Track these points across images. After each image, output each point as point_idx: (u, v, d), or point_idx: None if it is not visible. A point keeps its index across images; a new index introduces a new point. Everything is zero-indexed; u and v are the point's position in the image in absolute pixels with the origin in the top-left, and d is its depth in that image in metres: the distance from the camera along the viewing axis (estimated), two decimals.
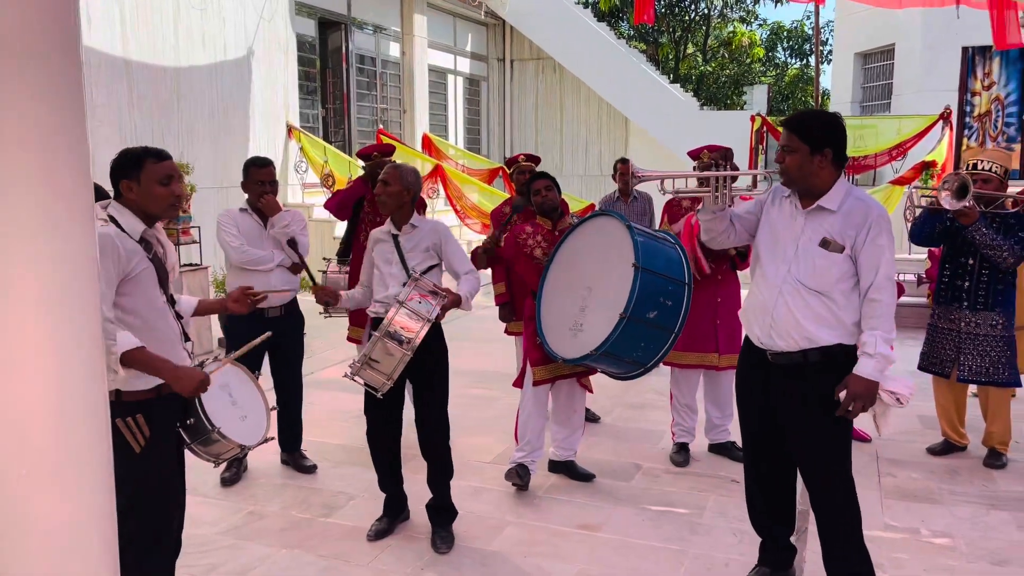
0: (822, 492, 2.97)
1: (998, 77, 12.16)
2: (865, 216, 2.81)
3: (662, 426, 5.20)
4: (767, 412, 3.05)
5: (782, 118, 14.58)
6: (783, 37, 23.22)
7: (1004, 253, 4.26)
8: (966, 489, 4.28)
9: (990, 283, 4.43)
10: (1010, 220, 4.38)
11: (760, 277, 2.99)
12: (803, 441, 2.98)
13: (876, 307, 2.79)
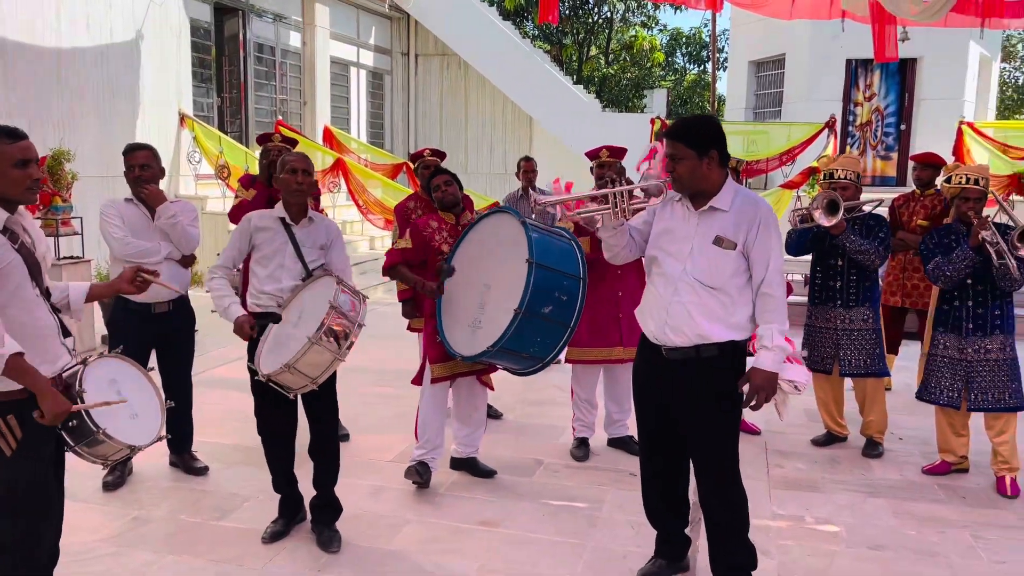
0: (714, 486, 3.06)
1: (879, 89, 12.91)
2: (755, 214, 2.93)
3: (563, 421, 5.25)
4: (662, 407, 3.12)
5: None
6: (682, 43, 23.94)
7: (872, 256, 4.58)
8: (846, 478, 4.50)
9: (859, 281, 4.71)
10: (869, 222, 4.70)
11: (657, 276, 3.05)
12: (696, 435, 3.06)
13: (769, 301, 2.92)
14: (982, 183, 4.30)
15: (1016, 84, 22.47)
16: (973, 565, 3.51)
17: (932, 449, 4.83)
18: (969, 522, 3.93)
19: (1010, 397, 4.32)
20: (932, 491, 4.33)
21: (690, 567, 3.37)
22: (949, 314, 4.44)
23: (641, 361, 3.18)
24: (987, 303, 4.32)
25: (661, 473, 3.24)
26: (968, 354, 4.35)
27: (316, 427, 3.63)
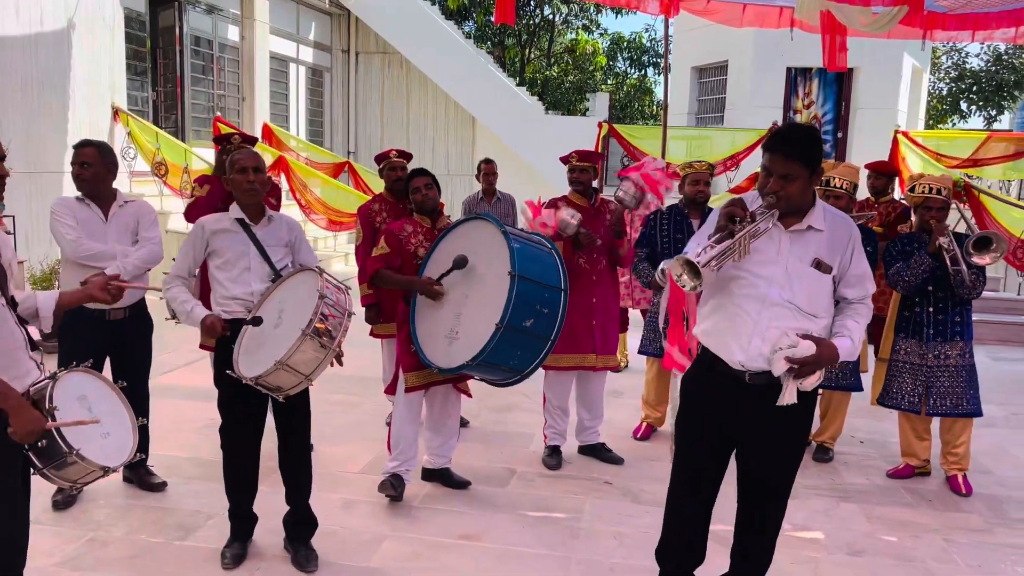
0: (775, 512, 2.95)
1: (817, 97, 13.26)
2: (849, 234, 2.75)
3: (531, 428, 5.18)
4: (725, 439, 2.89)
5: (628, 125, 15.13)
6: (623, 47, 24.15)
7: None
8: (816, 483, 4.55)
9: None
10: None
11: (744, 299, 2.73)
12: (770, 462, 2.89)
13: (861, 308, 2.78)
14: (944, 193, 4.39)
15: (941, 95, 23.43)
16: (949, 569, 3.57)
17: (891, 452, 4.94)
18: (940, 526, 4.02)
19: (967, 403, 4.43)
20: (900, 495, 4.41)
21: None
22: (910, 320, 4.53)
23: (704, 390, 2.87)
24: (947, 310, 4.43)
25: (701, 513, 2.97)
26: (929, 359, 4.45)
27: (289, 439, 3.46)
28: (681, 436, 3.00)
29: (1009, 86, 22.52)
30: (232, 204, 3.44)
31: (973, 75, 23.19)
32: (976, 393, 4.45)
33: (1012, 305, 9.44)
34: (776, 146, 2.66)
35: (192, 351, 5.33)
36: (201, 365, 5.85)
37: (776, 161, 2.65)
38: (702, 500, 2.95)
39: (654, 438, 5.14)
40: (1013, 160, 10.02)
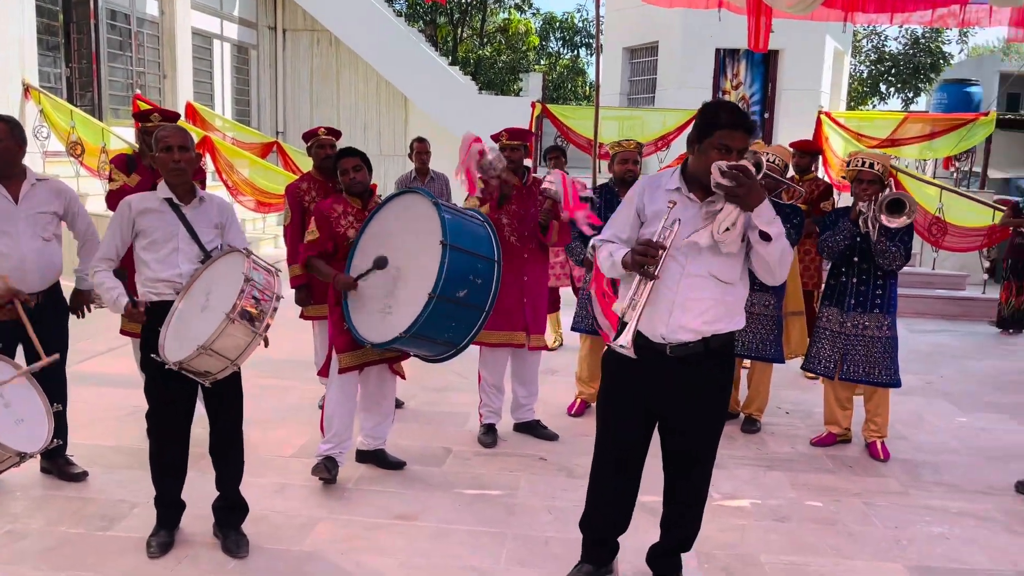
0: (701, 477, 3.02)
1: (745, 78, 13.51)
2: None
3: (466, 408, 5.18)
4: (651, 413, 2.95)
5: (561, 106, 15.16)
6: (556, 27, 24.16)
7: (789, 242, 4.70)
8: (744, 453, 4.68)
9: None
10: (786, 210, 4.83)
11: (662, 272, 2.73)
12: (697, 432, 2.95)
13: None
14: (877, 167, 4.51)
15: (861, 77, 24.18)
16: (869, 531, 3.72)
17: (815, 422, 5.11)
18: (860, 490, 4.18)
19: (881, 373, 4.58)
20: (823, 462, 4.57)
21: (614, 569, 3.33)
22: (835, 288, 4.68)
23: (627, 366, 2.84)
24: (870, 281, 4.57)
25: (627, 487, 3.05)
26: (847, 328, 4.60)
27: (220, 423, 3.38)
28: (605, 414, 3.04)
29: (926, 69, 23.40)
30: (160, 183, 3.33)
31: (892, 58, 24.00)
32: (894, 365, 4.61)
33: (927, 279, 9.85)
34: (738, 123, 2.68)
35: (114, 337, 5.14)
36: (123, 351, 5.65)
37: (739, 137, 2.67)
38: (628, 477, 3.03)
39: (588, 414, 5.20)
40: (928, 140, 10.44)
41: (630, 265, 2.71)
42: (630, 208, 2.89)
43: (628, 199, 2.94)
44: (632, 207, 2.90)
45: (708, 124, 2.69)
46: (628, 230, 2.90)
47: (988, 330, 8.79)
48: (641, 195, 2.89)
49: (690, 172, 2.81)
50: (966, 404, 5.85)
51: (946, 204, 9.09)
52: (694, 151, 2.76)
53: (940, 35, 23.59)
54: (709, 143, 2.68)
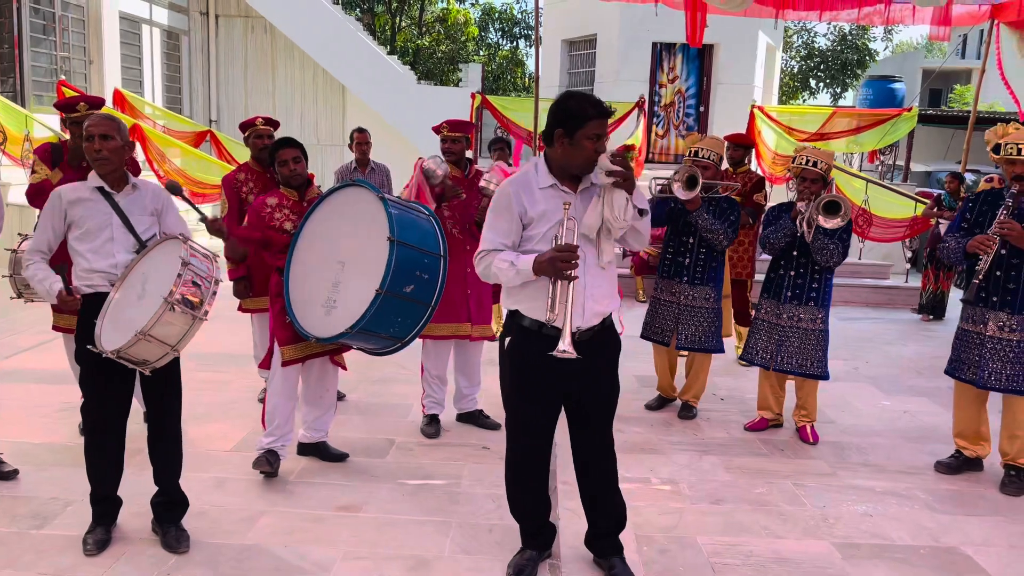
0: (606, 444, 3.16)
1: (681, 72, 13.75)
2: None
3: (408, 399, 5.19)
4: (561, 397, 3.06)
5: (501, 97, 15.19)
6: (495, 18, 24.14)
7: (720, 236, 4.84)
8: (681, 439, 4.81)
9: (707, 260, 4.98)
10: (723, 204, 4.96)
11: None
12: (602, 406, 3.13)
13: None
14: (820, 166, 4.64)
15: (792, 72, 24.84)
16: (799, 511, 3.88)
17: (749, 407, 5.28)
18: (791, 472, 4.34)
19: (813, 365, 4.75)
20: (755, 446, 4.73)
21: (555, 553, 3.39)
22: (773, 281, 4.82)
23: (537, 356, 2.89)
24: (807, 275, 4.72)
25: (546, 475, 3.19)
26: (783, 320, 4.76)
27: (158, 415, 3.34)
28: (517, 406, 3.08)
29: (853, 65, 24.17)
30: (91, 172, 3.25)
31: (821, 54, 24.72)
32: (824, 357, 4.78)
33: (855, 269, 10.21)
34: (603, 112, 2.80)
35: (44, 332, 4.99)
36: (53, 346, 5.49)
37: (604, 124, 2.80)
38: (545, 462, 3.16)
39: None
40: (855, 135, 10.79)
41: (549, 271, 2.77)
42: (510, 215, 2.89)
43: (503, 208, 2.91)
44: (512, 214, 2.89)
45: (579, 117, 2.77)
46: (512, 235, 2.92)
47: (910, 317, 9.18)
48: (519, 201, 2.88)
49: (560, 166, 2.88)
50: (889, 388, 6.11)
51: (872, 196, 9.44)
52: (563, 144, 2.81)
53: (866, 32, 24.41)
54: (583, 134, 2.76)
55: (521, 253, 2.90)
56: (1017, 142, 4.01)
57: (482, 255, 2.94)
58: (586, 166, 2.82)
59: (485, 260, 2.93)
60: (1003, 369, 4.11)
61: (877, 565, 3.37)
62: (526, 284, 2.88)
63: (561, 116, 2.80)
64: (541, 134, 3.02)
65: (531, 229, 2.89)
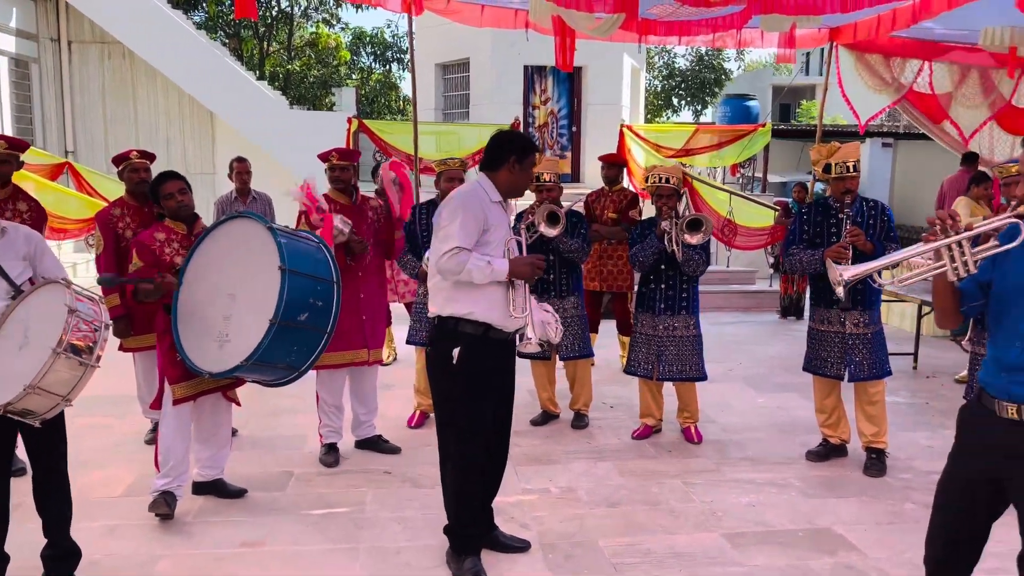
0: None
1: (552, 94, 14.19)
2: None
3: (304, 429, 5.15)
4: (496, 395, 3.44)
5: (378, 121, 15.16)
6: (366, 42, 24.06)
7: (581, 254, 5.16)
8: (575, 448, 5.00)
9: (568, 274, 5.24)
10: (572, 219, 5.21)
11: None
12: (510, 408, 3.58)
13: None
14: (673, 181, 4.98)
15: (656, 92, 26.03)
16: (689, 507, 4.12)
17: (637, 412, 5.53)
18: (679, 472, 4.60)
19: (691, 368, 5.06)
20: (645, 449, 4.98)
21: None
22: (646, 296, 5.10)
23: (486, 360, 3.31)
24: (676, 286, 5.03)
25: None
26: (660, 331, 5.04)
27: (44, 465, 3.20)
28: (474, 410, 3.30)
29: (710, 84, 25.60)
30: None
31: (681, 74, 26.05)
32: (701, 360, 5.10)
33: (724, 276, 10.84)
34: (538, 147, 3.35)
35: None
36: None
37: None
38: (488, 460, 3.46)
39: (428, 425, 5.32)
40: (717, 150, 11.44)
41: (526, 274, 3.25)
42: (477, 220, 3.21)
43: (475, 212, 3.22)
44: (479, 219, 3.21)
45: (527, 148, 3.34)
46: (475, 238, 3.23)
47: (775, 319, 9.83)
48: (485, 208, 3.25)
49: (507, 188, 3.34)
50: (762, 386, 6.55)
51: (735, 207, 10.05)
52: (514, 170, 3.31)
53: (721, 53, 25.94)
54: (529, 163, 3.34)
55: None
56: (845, 160, 4.45)
57: (455, 251, 3.15)
58: (522, 191, 3.40)
59: (460, 256, 3.15)
60: (863, 360, 4.54)
61: (762, 550, 3.65)
62: (484, 288, 3.21)
63: (517, 145, 3.31)
64: (483, 160, 3.38)
65: (488, 235, 3.24)
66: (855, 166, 4.43)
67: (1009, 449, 2.31)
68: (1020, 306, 2.29)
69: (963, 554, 2.52)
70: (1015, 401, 2.29)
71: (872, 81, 9.07)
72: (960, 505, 2.48)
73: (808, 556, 3.59)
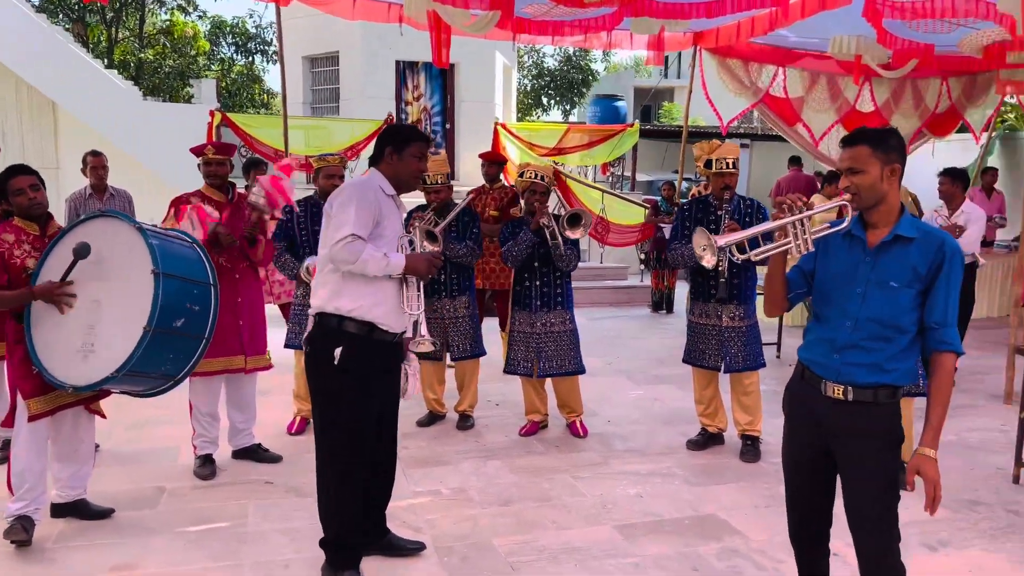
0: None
1: (425, 90, 14.06)
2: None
3: (176, 441, 4.84)
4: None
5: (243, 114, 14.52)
6: (226, 32, 22.94)
7: (469, 256, 5.11)
8: (464, 447, 4.96)
9: (459, 274, 5.19)
10: (464, 219, 5.17)
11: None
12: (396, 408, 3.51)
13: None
14: (546, 180, 5.02)
15: (526, 90, 26.33)
16: (579, 501, 4.17)
17: (523, 409, 5.55)
18: (568, 466, 4.65)
19: (570, 363, 5.12)
20: (534, 446, 5.01)
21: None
22: (521, 294, 5.12)
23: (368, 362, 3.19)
24: (551, 283, 5.07)
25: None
26: (537, 328, 5.06)
27: None
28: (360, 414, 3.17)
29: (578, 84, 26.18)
30: None
31: (550, 73, 26.50)
32: (578, 354, 5.16)
33: (598, 272, 11.11)
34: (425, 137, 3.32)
35: None
36: None
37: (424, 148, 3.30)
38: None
39: (309, 431, 5.13)
40: (588, 149, 11.69)
41: (422, 270, 3.18)
42: (371, 211, 3.10)
43: (370, 202, 3.11)
44: (373, 210, 3.11)
45: (406, 137, 3.25)
46: (370, 228, 3.12)
47: (647, 313, 10.16)
48: (380, 200, 3.16)
49: (394, 180, 3.25)
50: (640, 379, 6.74)
51: (607, 205, 10.30)
52: (393, 161, 3.23)
53: (588, 54, 26.56)
54: (409, 152, 3.24)
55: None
56: (725, 156, 4.64)
57: (351, 239, 3.01)
58: (412, 182, 3.27)
59: (355, 245, 3.02)
60: (739, 352, 4.73)
61: (652, 540, 3.73)
62: (374, 284, 3.11)
63: (393, 137, 3.24)
64: (369, 158, 3.29)
65: (381, 228, 3.14)
66: (734, 163, 4.62)
67: (834, 425, 2.51)
68: (843, 290, 2.50)
69: (816, 523, 2.70)
70: (843, 382, 2.47)
71: (733, 85, 9.53)
72: (801, 479, 2.67)
73: (696, 543, 3.71)
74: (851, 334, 2.46)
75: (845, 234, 2.53)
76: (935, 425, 2.36)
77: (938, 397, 2.39)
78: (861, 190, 2.43)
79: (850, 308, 2.47)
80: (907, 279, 2.41)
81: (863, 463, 2.47)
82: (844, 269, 2.52)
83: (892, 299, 2.41)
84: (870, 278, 2.45)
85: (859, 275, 2.47)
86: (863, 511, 2.47)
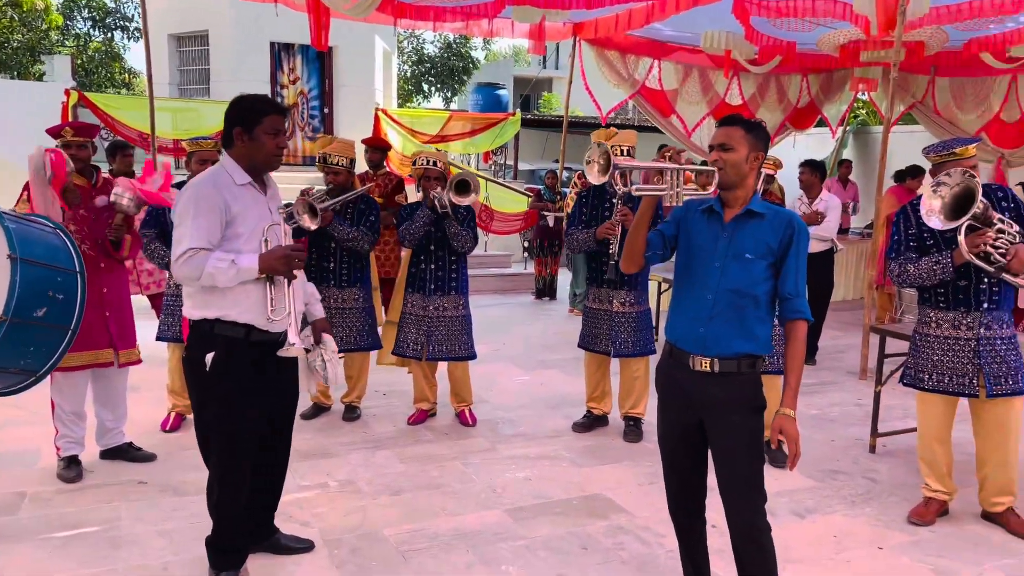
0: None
1: (302, 73, 13.64)
2: None
3: (35, 442, 4.51)
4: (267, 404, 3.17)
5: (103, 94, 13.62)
6: (82, 6, 21.38)
7: (362, 242, 4.93)
8: (351, 439, 4.87)
9: (351, 262, 5.04)
10: (361, 206, 5.07)
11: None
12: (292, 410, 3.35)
13: None
14: (439, 165, 4.98)
15: (406, 76, 26.00)
16: (469, 487, 4.18)
17: (411, 398, 5.51)
18: (458, 454, 4.65)
19: (461, 348, 5.12)
20: (423, 434, 4.98)
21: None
22: (416, 276, 5.07)
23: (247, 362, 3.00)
24: (446, 266, 5.05)
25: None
26: (430, 311, 5.04)
27: None
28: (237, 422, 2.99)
29: (459, 71, 26.10)
30: None
31: (431, 60, 26.28)
32: (470, 339, 5.17)
33: (481, 260, 11.14)
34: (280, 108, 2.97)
35: None
36: None
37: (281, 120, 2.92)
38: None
39: (184, 427, 4.90)
40: (470, 137, 11.70)
41: (281, 269, 2.86)
42: (213, 214, 2.82)
43: (207, 207, 2.81)
44: (217, 211, 2.82)
45: (256, 113, 2.86)
46: (216, 235, 2.85)
47: (530, 300, 10.29)
48: (226, 196, 2.85)
49: (249, 163, 2.91)
50: (526, 364, 6.83)
51: (491, 193, 10.37)
52: (244, 142, 2.87)
53: (469, 41, 26.51)
54: (261, 130, 2.86)
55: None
56: (621, 144, 4.75)
57: (190, 254, 2.76)
58: (269, 162, 2.92)
59: (196, 259, 2.76)
60: (628, 338, 4.87)
61: (542, 522, 3.79)
62: (232, 289, 2.84)
63: (237, 114, 2.87)
64: (221, 138, 2.95)
65: (235, 228, 2.85)
66: (630, 151, 4.73)
67: (703, 397, 2.65)
68: (704, 264, 2.67)
69: (691, 496, 2.84)
70: (709, 355, 2.62)
71: (611, 76, 9.76)
72: (675, 454, 2.80)
73: (585, 522, 3.79)
74: (712, 306, 2.61)
75: (706, 209, 2.71)
76: (793, 387, 2.56)
77: (795, 362, 2.59)
78: (728, 166, 2.62)
79: (711, 281, 2.63)
80: (761, 252, 2.60)
81: (731, 430, 2.61)
82: (704, 242, 2.68)
83: (747, 270, 2.60)
84: (728, 252, 2.63)
85: (718, 249, 2.64)
86: (733, 474, 2.62)
